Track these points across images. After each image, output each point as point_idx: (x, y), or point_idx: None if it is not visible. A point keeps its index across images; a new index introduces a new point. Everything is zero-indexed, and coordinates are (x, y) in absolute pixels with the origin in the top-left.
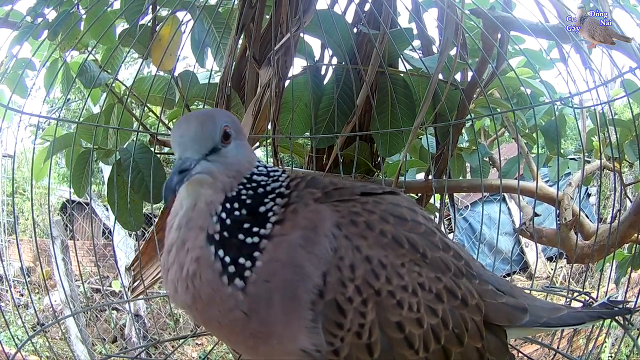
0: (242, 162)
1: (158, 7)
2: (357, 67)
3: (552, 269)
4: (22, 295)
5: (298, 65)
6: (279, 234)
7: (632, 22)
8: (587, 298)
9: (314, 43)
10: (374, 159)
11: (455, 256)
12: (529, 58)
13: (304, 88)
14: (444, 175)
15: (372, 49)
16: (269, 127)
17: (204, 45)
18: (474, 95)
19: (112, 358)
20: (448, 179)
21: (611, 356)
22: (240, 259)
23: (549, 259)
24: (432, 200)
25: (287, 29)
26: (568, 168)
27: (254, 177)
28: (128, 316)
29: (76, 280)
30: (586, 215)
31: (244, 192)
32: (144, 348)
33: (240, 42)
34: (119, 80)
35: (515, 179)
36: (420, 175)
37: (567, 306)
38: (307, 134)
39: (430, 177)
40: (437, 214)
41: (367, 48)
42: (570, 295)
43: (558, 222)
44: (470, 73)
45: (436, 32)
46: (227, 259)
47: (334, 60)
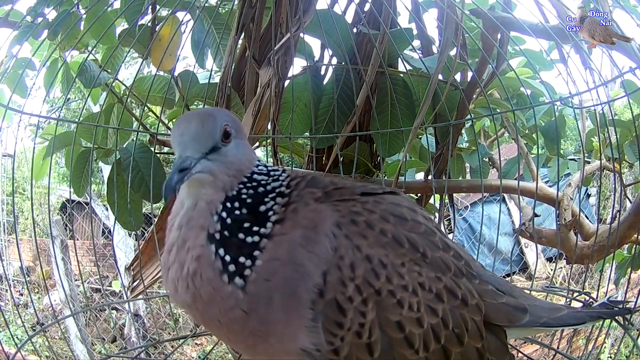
0: (243, 161)
1: (158, 7)
2: (357, 67)
3: (551, 270)
4: (21, 294)
5: (298, 65)
6: (279, 233)
7: (632, 22)
8: (587, 298)
9: (314, 43)
10: (374, 159)
11: (455, 256)
12: (529, 59)
13: (303, 88)
14: (444, 176)
15: (372, 49)
16: (269, 127)
17: (203, 45)
18: (474, 96)
19: (112, 358)
20: (448, 179)
21: (611, 357)
22: (241, 257)
23: (549, 260)
24: (431, 201)
25: (287, 29)
26: (568, 168)
27: (255, 176)
28: (127, 316)
29: (76, 280)
30: (586, 216)
31: (244, 192)
32: (143, 348)
33: (240, 42)
34: (119, 80)
35: (515, 179)
36: (419, 175)
37: (567, 306)
38: (307, 134)
39: (429, 177)
40: (436, 214)
41: (367, 48)
42: (570, 295)
43: (558, 222)
44: (470, 73)
45: (436, 32)
46: (228, 258)
47: (334, 60)
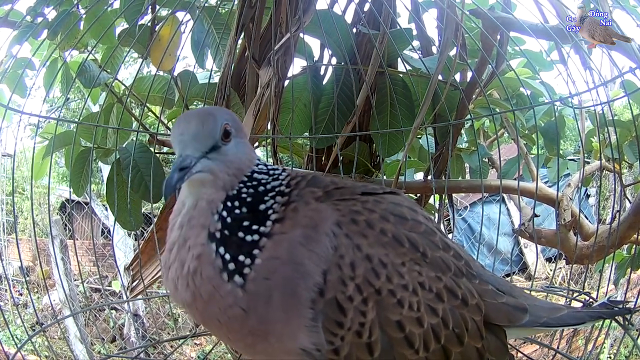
0: (243, 160)
1: (158, 7)
2: (357, 67)
3: (551, 270)
4: (21, 294)
5: (297, 65)
6: (279, 232)
7: (632, 22)
8: (587, 298)
9: (314, 43)
10: (373, 159)
11: (456, 256)
12: (529, 59)
13: (303, 88)
14: (443, 176)
15: (371, 49)
16: (269, 127)
17: (203, 45)
18: (474, 96)
19: (111, 358)
20: (447, 179)
21: (610, 357)
22: (240, 256)
23: (548, 260)
24: (431, 201)
25: (286, 29)
26: (567, 169)
27: (255, 175)
28: (127, 316)
29: (75, 280)
30: (585, 216)
31: (244, 190)
32: (143, 348)
33: (240, 42)
34: (119, 80)
35: (515, 179)
36: (418, 175)
37: (567, 306)
38: (307, 134)
39: (429, 177)
40: (436, 214)
41: (366, 48)
42: (570, 295)
43: (557, 222)
44: (469, 73)
45: (435, 32)
46: (227, 256)
47: (334, 60)
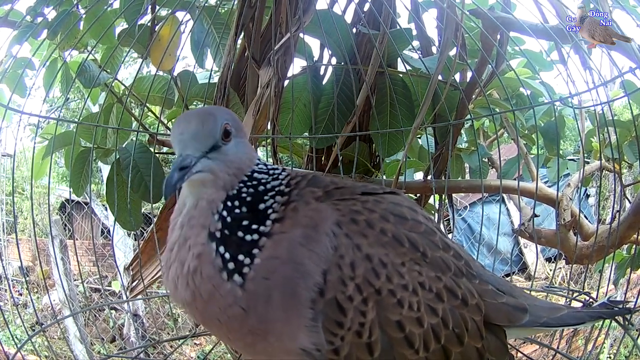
0: (243, 159)
1: (158, 7)
2: (357, 67)
3: (550, 270)
4: (21, 294)
5: (297, 65)
6: (278, 232)
7: (632, 22)
8: (587, 298)
9: (313, 43)
10: (373, 159)
11: (456, 256)
12: (529, 59)
13: (303, 88)
14: (443, 176)
15: (371, 49)
16: (269, 127)
17: (203, 45)
18: (473, 96)
19: (111, 358)
20: (447, 179)
21: (610, 357)
22: (240, 255)
23: (548, 260)
24: (430, 201)
25: (286, 29)
26: (567, 169)
27: (255, 175)
28: (127, 316)
29: (75, 280)
30: (585, 216)
31: (244, 190)
32: (142, 348)
33: (240, 42)
34: (119, 80)
35: (515, 179)
36: (418, 175)
37: (567, 306)
38: (306, 134)
39: (429, 177)
40: (436, 214)
41: (366, 48)
42: (570, 295)
43: (557, 222)
44: (469, 73)
45: (435, 32)
46: (227, 256)
47: (333, 60)
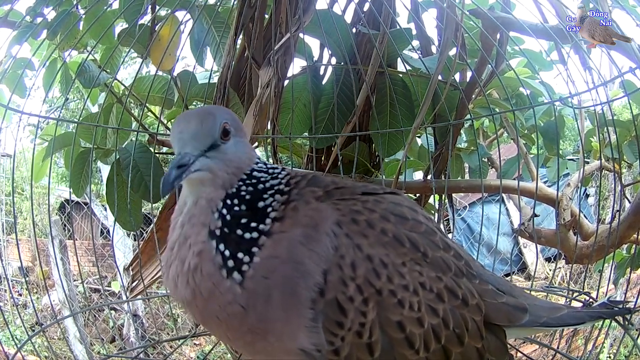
0: (242, 158)
1: (158, 7)
2: (357, 67)
3: (550, 270)
4: (20, 295)
5: (297, 65)
6: (278, 231)
7: (632, 22)
8: (587, 298)
9: (313, 43)
10: (373, 159)
11: (456, 256)
12: (529, 59)
13: (303, 88)
14: (443, 176)
15: (371, 49)
16: (269, 126)
17: (203, 45)
18: (473, 96)
19: (111, 358)
20: (447, 179)
21: (610, 356)
22: (239, 253)
23: (547, 260)
24: (430, 201)
25: (286, 29)
26: (567, 169)
27: (254, 174)
28: (126, 316)
29: (75, 280)
30: (584, 216)
31: (243, 189)
32: (142, 348)
33: (239, 42)
34: (118, 80)
35: (514, 179)
36: (417, 175)
37: (567, 306)
38: (306, 134)
39: (429, 177)
40: (436, 214)
41: (366, 48)
42: (570, 295)
43: (557, 222)
44: (469, 73)
45: (435, 32)
46: (227, 253)
47: (333, 60)
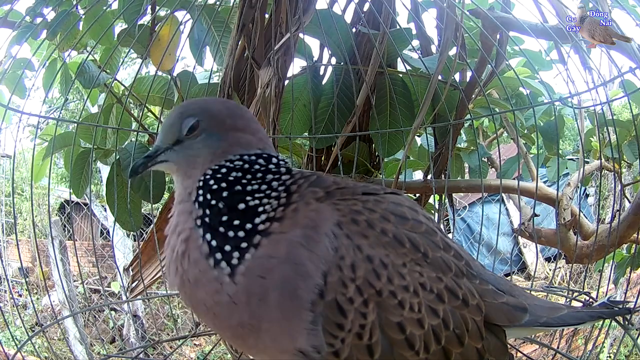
0: (204, 154)
1: (157, 8)
2: (357, 67)
3: (550, 269)
4: (20, 295)
5: (297, 65)
6: (278, 232)
7: (632, 22)
8: (587, 298)
9: (313, 43)
10: (373, 159)
11: (456, 256)
12: (529, 58)
13: (302, 88)
14: (443, 176)
15: (371, 49)
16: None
17: (203, 45)
18: (473, 96)
19: (111, 358)
20: (447, 179)
21: (610, 356)
22: (227, 247)
23: (547, 260)
24: (430, 201)
25: (286, 29)
26: (567, 168)
27: (223, 171)
28: (126, 317)
29: (75, 281)
30: (584, 216)
31: (212, 183)
32: (142, 349)
33: (240, 42)
34: (118, 81)
35: (514, 179)
36: (417, 175)
37: (567, 306)
38: (306, 134)
39: (429, 177)
40: (436, 214)
41: (366, 48)
42: (570, 295)
43: (557, 222)
44: (469, 73)
45: (434, 31)
46: (214, 243)
47: (333, 61)
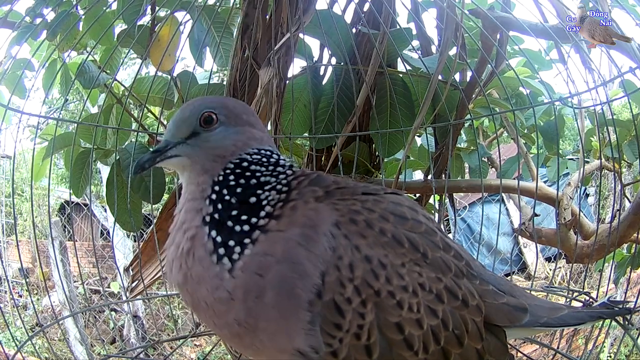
0: (226, 145)
1: (157, 8)
2: (357, 67)
3: (550, 269)
4: (20, 296)
5: (297, 66)
6: (275, 229)
7: (632, 22)
8: (587, 298)
9: (313, 43)
10: (373, 159)
11: (456, 256)
12: (529, 58)
13: (303, 88)
14: (443, 176)
15: (371, 49)
16: (269, 127)
17: (203, 45)
18: (473, 96)
19: (111, 358)
20: (447, 179)
21: (610, 356)
22: (230, 241)
23: (547, 259)
24: (431, 201)
25: (287, 29)
26: (567, 168)
27: (244, 164)
28: (127, 317)
29: (75, 281)
30: (585, 216)
31: (232, 178)
32: (142, 349)
33: (244, 43)
34: (118, 81)
35: (514, 178)
36: (417, 175)
37: (568, 306)
38: (306, 134)
39: (429, 177)
40: (436, 214)
41: (366, 48)
42: (570, 295)
43: (557, 222)
44: (469, 73)
45: (435, 31)
46: (219, 239)
47: (333, 61)
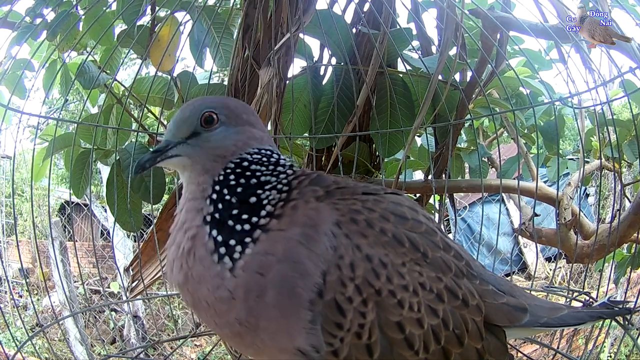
0: (227, 145)
1: (157, 8)
2: (357, 68)
3: (550, 269)
4: (21, 296)
5: (297, 66)
6: (276, 229)
7: (632, 22)
8: (587, 298)
9: (313, 43)
10: (373, 159)
11: (456, 256)
12: (529, 58)
13: (303, 88)
14: (443, 176)
15: (371, 49)
16: (269, 127)
17: (203, 46)
18: (473, 96)
19: (111, 358)
20: (448, 179)
21: (610, 356)
22: (231, 241)
23: (547, 259)
24: (431, 201)
25: (287, 29)
26: (567, 168)
27: (244, 164)
28: (127, 317)
29: (75, 282)
30: (585, 215)
31: (232, 178)
32: (142, 349)
33: (244, 43)
34: (118, 81)
35: (514, 178)
36: (417, 175)
37: (568, 306)
38: (306, 134)
39: (429, 177)
40: (436, 214)
41: (366, 48)
42: (570, 295)
43: (557, 222)
44: (469, 73)
45: (435, 31)
46: (220, 239)
47: (333, 61)
